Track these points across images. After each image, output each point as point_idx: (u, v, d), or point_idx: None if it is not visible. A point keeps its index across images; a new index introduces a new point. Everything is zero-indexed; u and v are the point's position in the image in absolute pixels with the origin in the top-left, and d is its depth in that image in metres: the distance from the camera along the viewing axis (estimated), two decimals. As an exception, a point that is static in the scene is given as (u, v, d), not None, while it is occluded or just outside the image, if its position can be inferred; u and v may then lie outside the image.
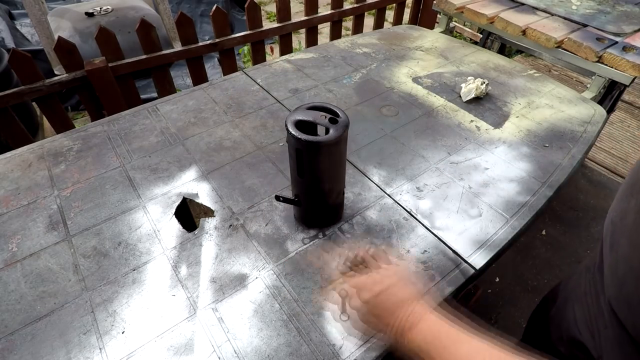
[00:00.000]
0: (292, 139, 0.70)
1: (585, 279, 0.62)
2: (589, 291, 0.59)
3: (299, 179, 0.78)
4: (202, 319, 0.72)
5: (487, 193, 0.97)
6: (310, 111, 0.73)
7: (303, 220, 0.88)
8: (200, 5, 3.66)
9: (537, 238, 1.91)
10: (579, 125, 1.20)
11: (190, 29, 1.88)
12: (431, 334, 0.52)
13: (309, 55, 1.56)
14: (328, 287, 0.75)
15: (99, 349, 0.67)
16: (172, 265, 0.80)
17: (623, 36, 1.48)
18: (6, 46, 2.71)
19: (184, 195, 0.95)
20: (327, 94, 1.33)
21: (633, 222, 0.45)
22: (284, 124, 0.71)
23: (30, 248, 0.83)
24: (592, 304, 0.57)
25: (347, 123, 0.72)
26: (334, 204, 0.86)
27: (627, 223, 0.47)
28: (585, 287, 0.61)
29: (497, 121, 1.22)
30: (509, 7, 1.72)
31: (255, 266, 0.80)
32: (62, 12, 2.61)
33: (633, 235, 0.45)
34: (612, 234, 0.51)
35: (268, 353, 0.67)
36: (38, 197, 0.95)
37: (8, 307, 0.73)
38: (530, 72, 1.47)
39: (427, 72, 1.46)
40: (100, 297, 0.74)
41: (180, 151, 1.09)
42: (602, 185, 2.22)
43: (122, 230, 0.87)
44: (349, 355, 0.67)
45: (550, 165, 1.06)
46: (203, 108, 1.25)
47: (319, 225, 0.88)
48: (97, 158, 1.06)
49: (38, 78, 1.59)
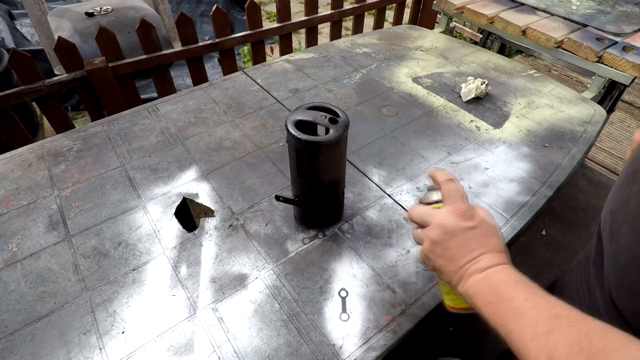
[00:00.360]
0: (292, 139, 0.70)
1: (577, 274, 0.61)
2: (581, 287, 0.58)
3: (299, 179, 0.78)
4: (202, 319, 0.72)
5: (487, 193, 0.97)
6: (310, 111, 0.73)
7: (303, 220, 0.88)
8: (200, 5, 3.66)
9: (537, 238, 1.91)
10: (579, 125, 1.20)
11: (190, 29, 1.88)
12: (490, 283, 0.48)
13: (309, 55, 1.56)
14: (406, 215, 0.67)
15: (99, 349, 0.67)
16: (172, 265, 0.80)
17: (623, 36, 1.48)
18: (6, 46, 2.71)
19: (184, 195, 0.95)
20: (327, 94, 1.33)
21: (636, 209, 0.43)
22: (284, 124, 0.71)
23: (30, 248, 0.83)
24: (584, 300, 0.56)
25: (347, 123, 0.72)
26: (334, 204, 0.86)
27: (629, 210, 0.45)
28: (577, 283, 0.60)
29: (497, 121, 1.22)
30: (509, 7, 1.72)
31: (255, 266, 0.80)
32: (62, 12, 2.61)
33: (636, 222, 0.43)
34: (612, 223, 0.49)
35: (268, 353, 0.67)
36: (38, 197, 0.95)
37: (8, 307, 0.73)
38: (530, 72, 1.47)
39: (427, 72, 1.46)
40: (100, 297, 0.74)
41: (180, 151, 1.09)
42: (602, 185, 2.22)
43: (122, 230, 0.87)
44: (349, 355, 0.67)
45: (550, 165, 1.06)
46: (203, 108, 1.25)
47: (319, 226, 0.88)
48: (97, 158, 1.06)
49: (38, 78, 1.59)
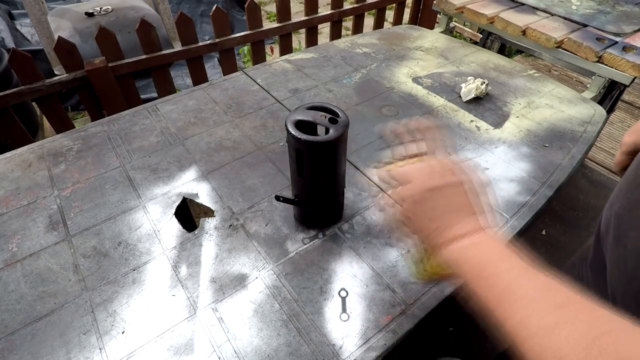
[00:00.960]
0: (292, 139, 0.70)
1: (571, 276, 0.61)
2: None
3: (298, 179, 0.78)
4: (202, 319, 0.72)
5: (487, 193, 0.97)
6: (310, 111, 0.73)
7: (303, 221, 0.88)
8: (200, 5, 3.66)
9: (537, 238, 1.91)
10: (579, 125, 1.20)
11: (190, 29, 1.88)
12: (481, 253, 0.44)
13: (309, 55, 1.56)
14: (372, 168, 0.59)
15: (99, 349, 0.67)
16: (172, 265, 0.80)
17: (623, 36, 1.48)
18: (6, 46, 2.71)
19: (184, 195, 0.95)
20: (327, 94, 1.33)
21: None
22: (284, 124, 0.71)
23: (30, 248, 0.83)
24: None
25: (347, 123, 0.72)
26: (334, 204, 0.86)
27: (638, 214, 0.44)
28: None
29: (497, 121, 1.22)
30: (509, 7, 1.72)
31: (255, 266, 0.80)
32: (62, 12, 2.61)
33: None
34: (618, 227, 0.48)
35: (268, 353, 0.67)
36: (38, 197, 0.95)
37: (8, 307, 0.73)
38: (530, 72, 1.47)
39: (427, 72, 1.46)
40: (100, 297, 0.74)
41: (180, 151, 1.09)
42: (602, 185, 2.22)
43: (122, 230, 0.87)
44: (349, 355, 0.67)
45: (550, 165, 1.06)
46: (203, 108, 1.25)
47: (318, 225, 0.88)
48: (97, 158, 1.06)
49: (38, 78, 1.59)
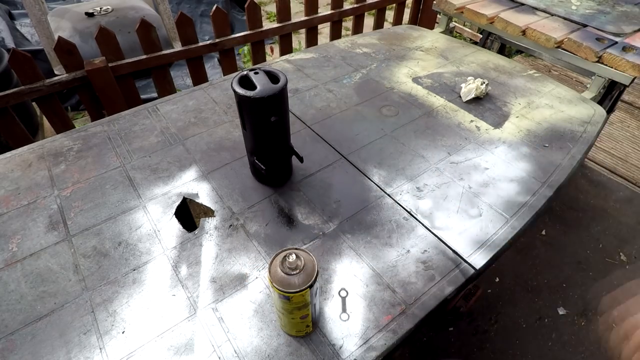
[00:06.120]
0: (235, 95, 0.81)
1: None
2: None
3: (244, 132, 0.88)
4: (202, 318, 0.72)
5: (487, 193, 0.97)
6: (255, 74, 0.83)
7: (255, 175, 0.97)
8: (200, 5, 3.65)
9: (537, 238, 1.91)
10: (578, 125, 1.20)
11: (190, 29, 1.88)
12: None
13: (309, 55, 1.56)
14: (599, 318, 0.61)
15: (99, 349, 0.67)
16: (172, 265, 0.80)
17: (623, 36, 1.48)
18: (6, 46, 2.70)
19: (184, 195, 0.96)
20: (327, 94, 1.33)
21: None
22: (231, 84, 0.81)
23: (31, 248, 0.83)
24: None
25: (283, 83, 0.81)
26: (280, 159, 0.93)
27: None
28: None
29: (497, 121, 1.22)
30: (509, 7, 1.72)
31: (255, 266, 0.80)
32: (62, 12, 2.61)
33: None
34: None
35: (268, 353, 0.67)
36: (38, 197, 0.95)
37: (8, 307, 0.73)
38: (530, 72, 1.47)
39: (427, 72, 1.46)
40: (101, 297, 0.74)
41: (180, 151, 1.09)
42: (602, 185, 2.21)
43: (122, 230, 0.87)
44: (349, 355, 0.67)
45: (550, 165, 1.06)
46: (203, 108, 1.25)
47: (270, 183, 0.96)
48: (97, 158, 1.06)
49: (38, 78, 1.59)
